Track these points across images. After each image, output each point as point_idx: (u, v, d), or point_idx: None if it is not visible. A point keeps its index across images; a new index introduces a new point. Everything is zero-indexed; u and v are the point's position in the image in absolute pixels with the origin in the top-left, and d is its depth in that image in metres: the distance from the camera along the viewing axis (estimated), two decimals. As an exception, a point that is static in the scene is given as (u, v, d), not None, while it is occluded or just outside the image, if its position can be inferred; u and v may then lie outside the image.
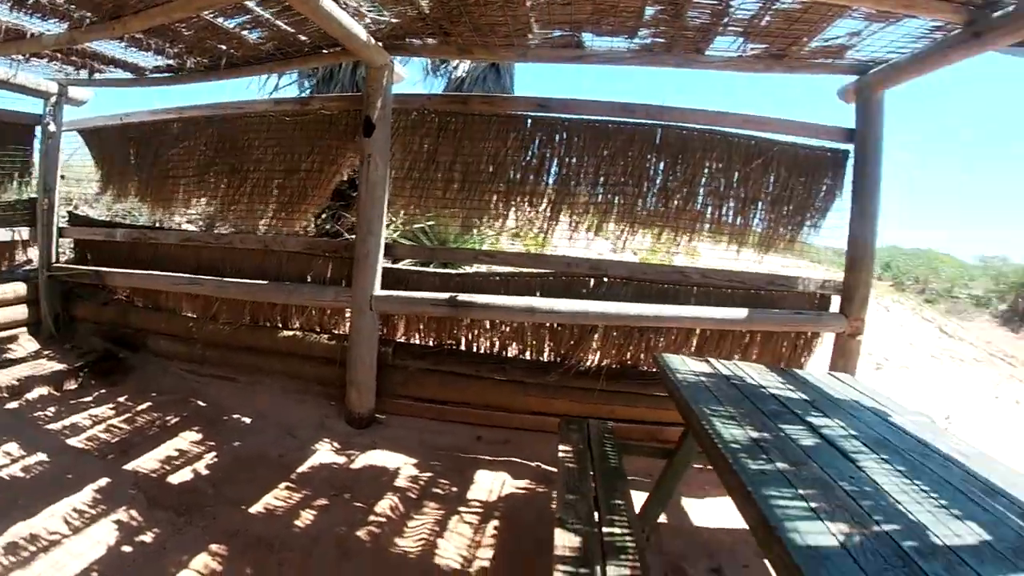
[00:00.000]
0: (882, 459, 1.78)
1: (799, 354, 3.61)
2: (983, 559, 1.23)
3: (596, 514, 2.06)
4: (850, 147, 3.43)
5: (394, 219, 4.08)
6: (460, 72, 7.14)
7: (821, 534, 1.29)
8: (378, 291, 3.57)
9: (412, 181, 3.78)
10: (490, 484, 3.02)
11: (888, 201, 3.29)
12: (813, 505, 1.41)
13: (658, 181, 3.56)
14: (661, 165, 3.55)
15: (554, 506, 2.42)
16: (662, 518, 2.80)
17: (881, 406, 2.44)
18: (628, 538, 1.94)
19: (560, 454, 2.51)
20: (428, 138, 3.74)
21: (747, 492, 1.48)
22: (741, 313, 3.38)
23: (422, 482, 2.99)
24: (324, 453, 3.23)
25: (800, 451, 1.76)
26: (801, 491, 1.48)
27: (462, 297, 3.47)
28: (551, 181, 3.64)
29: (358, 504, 2.73)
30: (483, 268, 4.28)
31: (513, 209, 3.70)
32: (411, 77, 6.50)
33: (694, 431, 2.05)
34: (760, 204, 3.54)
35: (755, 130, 3.50)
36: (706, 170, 3.53)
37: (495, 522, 2.67)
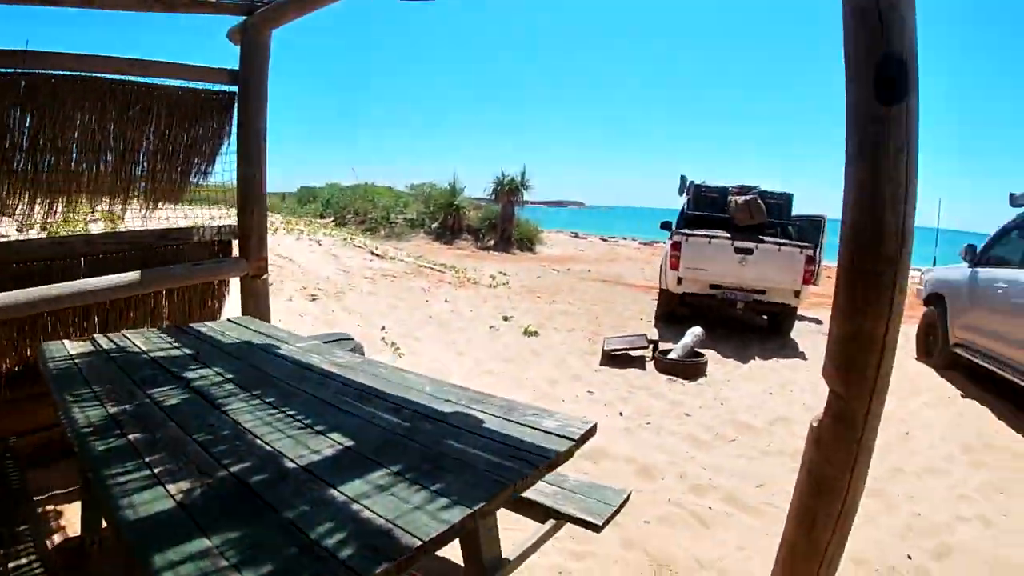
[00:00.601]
0: (254, 396, 1.89)
1: (212, 305, 3.57)
2: (340, 467, 1.37)
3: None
4: (235, 89, 3.43)
5: None
6: None
7: (158, 500, 1.24)
8: None
9: None
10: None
11: (336, 139, 3.50)
12: (158, 470, 1.36)
13: (25, 139, 2.86)
14: (28, 120, 2.86)
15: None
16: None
17: (273, 340, 2.64)
18: (36, 566, 1.69)
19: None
20: None
21: (87, 477, 1.32)
22: (131, 277, 3.07)
23: None
24: None
25: (162, 414, 1.69)
26: (148, 459, 1.41)
27: None
28: None
29: None
30: None
31: None
32: None
33: (61, 421, 1.73)
34: (142, 154, 3.25)
35: (137, 75, 3.12)
36: (79, 121, 3.00)
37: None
